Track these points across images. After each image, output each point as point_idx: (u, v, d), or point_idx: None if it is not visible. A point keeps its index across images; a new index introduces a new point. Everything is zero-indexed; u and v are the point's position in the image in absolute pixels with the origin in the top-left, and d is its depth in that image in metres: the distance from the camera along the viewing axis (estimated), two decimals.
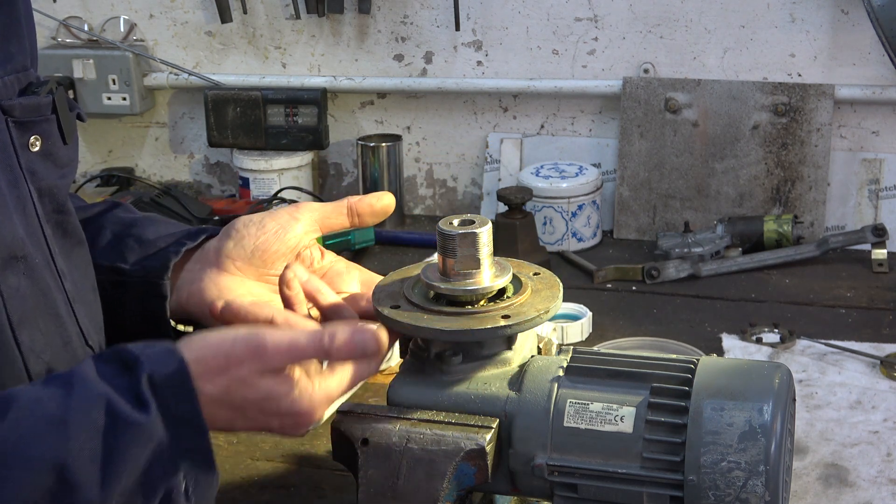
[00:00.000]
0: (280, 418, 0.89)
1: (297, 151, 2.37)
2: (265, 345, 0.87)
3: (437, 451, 0.90)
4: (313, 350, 0.88)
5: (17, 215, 0.89)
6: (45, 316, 0.90)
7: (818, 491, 1.30)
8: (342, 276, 1.08)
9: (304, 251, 1.08)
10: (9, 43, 0.91)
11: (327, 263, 1.09)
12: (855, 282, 1.94)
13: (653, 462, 0.89)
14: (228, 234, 1.07)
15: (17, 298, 0.87)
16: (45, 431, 0.78)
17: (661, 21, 2.21)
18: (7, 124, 0.89)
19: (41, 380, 0.84)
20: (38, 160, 0.93)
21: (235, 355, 0.86)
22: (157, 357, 0.84)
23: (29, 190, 0.91)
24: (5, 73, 0.90)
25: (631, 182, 2.22)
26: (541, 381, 0.94)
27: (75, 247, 0.99)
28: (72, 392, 0.80)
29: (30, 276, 0.89)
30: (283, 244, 1.06)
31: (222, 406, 0.87)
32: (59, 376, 0.83)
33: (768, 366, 0.93)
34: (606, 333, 1.76)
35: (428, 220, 2.40)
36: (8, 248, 0.86)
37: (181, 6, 2.45)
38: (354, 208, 1.08)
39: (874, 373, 1.58)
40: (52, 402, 0.80)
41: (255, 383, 0.87)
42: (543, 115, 2.33)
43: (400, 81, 2.35)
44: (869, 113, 2.16)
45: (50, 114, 0.94)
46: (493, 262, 0.97)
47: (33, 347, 0.88)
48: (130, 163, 2.60)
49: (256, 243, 1.06)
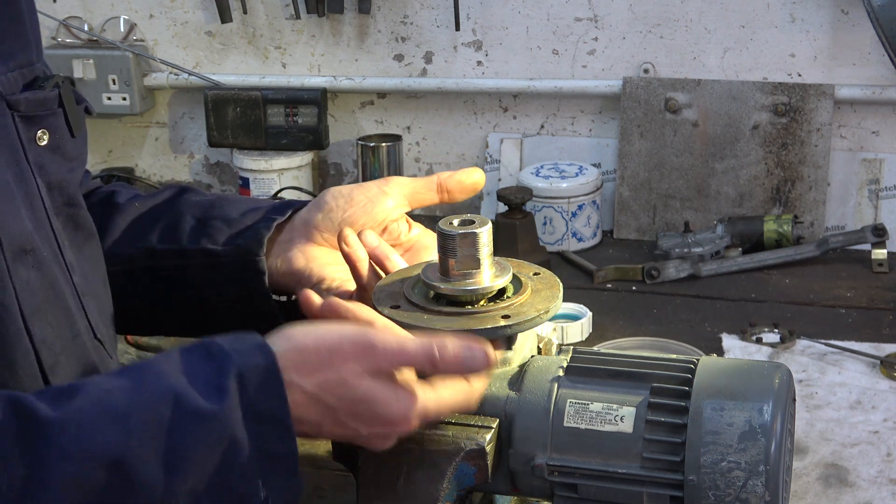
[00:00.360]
0: (370, 425, 0.85)
1: (297, 151, 2.37)
2: (374, 344, 0.83)
3: (437, 451, 0.90)
4: (422, 358, 0.84)
5: (25, 209, 0.89)
6: (55, 309, 0.90)
7: (818, 491, 1.30)
8: (428, 249, 1.08)
9: (391, 224, 1.07)
10: (11, 38, 0.91)
11: (414, 237, 1.09)
12: (855, 282, 1.94)
13: (653, 462, 0.89)
14: (318, 205, 1.07)
15: (28, 291, 0.87)
16: (106, 424, 0.76)
17: (661, 21, 2.21)
18: (13, 119, 0.89)
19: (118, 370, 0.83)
20: (45, 154, 0.93)
21: (342, 351, 0.83)
22: (247, 351, 0.81)
23: (37, 184, 0.91)
24: (8, 69, 0.90)
25: (631, 182, 2.22)
26: (541, 381, 0.94)
27: (87, 240, 0.98)
28: (141, 384, 0.78)
29: (39, 270, 0.89)
30: (371, 218, 1.06)
31: (315, 404, 0.83)
32: (136, 367, 0.81)
33: (768, 366, 0.93)
34: (606, 333, 1.76)
35: (428, 220, 2.38)
36: (17, 241, 0.87)
37: (181, 6, 2.45)
38: (445, 185, 1.07)
39: (874, 373, 1.58)
40: (120, 394, 0.77)
41: (356, 383, 0.83)
42: (543, 115, 2.33)
43: (400, 81, 2.35)
44: (869, 113, 2.16)
45: (57, 107, 0.94)
46: (493, 262, 0.97)
47: (45, 340, 0.88)
48: (130, 163, 2.60)
49: (344, 216, 1.05)
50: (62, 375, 0.90)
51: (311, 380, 0.82)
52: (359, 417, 0.84)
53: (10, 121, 0.89)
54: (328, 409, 0.83)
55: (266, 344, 0.82)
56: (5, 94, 0.89)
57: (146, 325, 1.17)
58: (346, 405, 0.83)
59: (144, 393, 0.78)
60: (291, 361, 0.82)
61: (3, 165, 0.87)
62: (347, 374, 0.82)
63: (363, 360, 0.83)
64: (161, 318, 1.05)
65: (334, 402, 0.83)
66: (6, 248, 0.85)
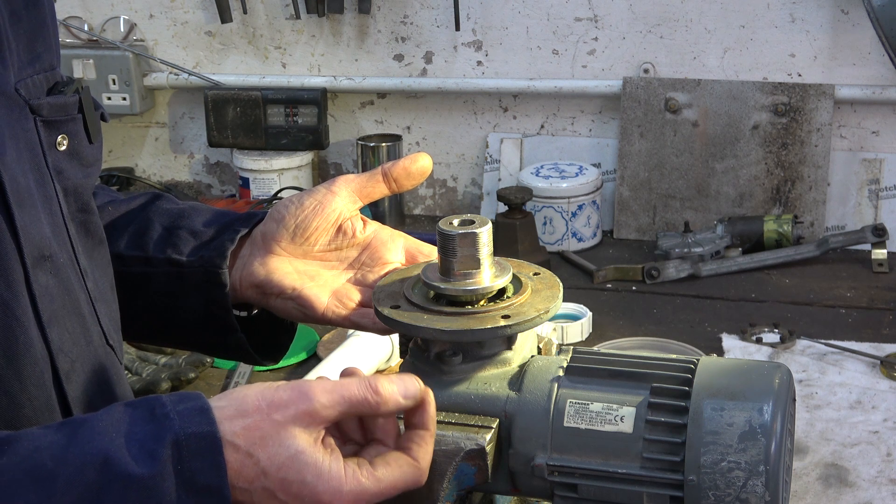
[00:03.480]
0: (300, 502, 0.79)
1: (297, 151, 2.37)
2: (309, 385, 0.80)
3: (437, 451, 0.90)
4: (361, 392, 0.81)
5: (45, 214, 0.89)
6: (71, 315, 0.90)
7: (818, 491, 1.30)
8: (386, 244, 1.08)
9: (345, 223, 1.07)
10: (36, 42, 0.91)
11: (370, 233, 1.09)
12: (855, 282, 1.94)
13: (653, 462, 0.89)
14: (273, 216, 1.07)
15: (46, 297, 0.87)
16: (30, 486, 0.73)
17: (661, 21, 2.21)
18: (35, 124, 0.90)
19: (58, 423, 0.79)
20: (64, 159, 0.93)
21: (278, 399, 0.80)
22: (188, 414, 0.77)
23: (55, 189, 0.91)
24: (34, 72, 0.90)
25: (631, 182, 2.22)
26: (541, 381, 0.94)
27: (97, 246, 0.99)
28: (72, 442, 0.75)
29: (56, 275, 0.89)
30: (324, 219, 1.06)
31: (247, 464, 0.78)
32: (74, 422, 0.78)
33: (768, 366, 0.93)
34: (606, 333, 1.76)
35: (428, 220, 2.40)
36: (37, 247, 0.87)
37: (181, 6, 2.45)
38: (390, 174, 1.07)
39: (874, 373, 1.58)
40: (49, 453, 0.75)
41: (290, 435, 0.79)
42: (543, 115, 2.33)
43: (400, 81, 2.35)
44: (869, 113, 2.16)
45: (76, 113, 0.94)
46: (493, 262, 0.97)
47: (62, 347, 0.88)
48: (130, 163, 2.60)
49: (297, 222, 1.05)
50: (76, 381, 0.90)
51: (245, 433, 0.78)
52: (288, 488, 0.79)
53: (32, 125, 0.89)
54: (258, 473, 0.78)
55: (209, 409, 0.78)
56: (29, 99, 0.89)
57: None
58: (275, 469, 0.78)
59: (74, 454, 0.75)
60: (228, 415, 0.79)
61: (26, 170, 0.87)
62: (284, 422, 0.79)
63: (300, 404, 0.79)
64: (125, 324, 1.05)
65: (265, 463, 0.78)
66: (27, 254, 0.85)
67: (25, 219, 0.85)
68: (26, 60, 0.90)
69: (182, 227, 1.09)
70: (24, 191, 0.86)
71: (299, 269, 1.05)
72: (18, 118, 0.88)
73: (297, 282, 1.04)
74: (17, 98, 0.88)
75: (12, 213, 0.84)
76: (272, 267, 1.05)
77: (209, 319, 1.06)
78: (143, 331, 1.12)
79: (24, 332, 0.85)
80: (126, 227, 1.10)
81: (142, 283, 1.08)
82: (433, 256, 1.06)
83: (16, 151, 0.86)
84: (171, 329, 1.09)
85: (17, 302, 0.84)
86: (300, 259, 1.06)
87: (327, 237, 1.06)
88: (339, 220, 1.06)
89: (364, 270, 1.07)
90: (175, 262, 1.07)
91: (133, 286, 1.07)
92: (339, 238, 1.06)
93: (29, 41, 0.90)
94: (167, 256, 1.07)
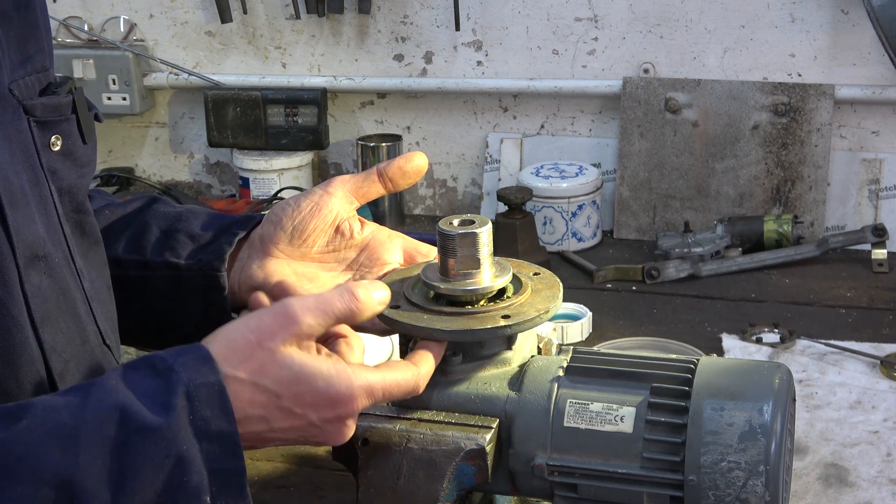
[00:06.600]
0: (318, 409, 0.84)
1: (297, 151, 2.37)
2: (293, 307, 0.84)
3: (437, 451, 0.90)
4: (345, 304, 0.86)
5: (39, 215, 0.89)
6: (66, 315, 0.90)
7: (818, 491, 1.30)
8: (385, 245, 1.08)
9: (342, 224, 1.07)
10: (28, 44, 0.91)
11: (368, 234, 1.09)
12: (855, 282, 1.94)
13: (653, 462, 0.89)
14: (270, 219, 1.08)
15: (39, 297, 0.87)
16: (53, 444, 0.76)
17: (661, 21, 2.21)
18: (29, 124, 0.90)
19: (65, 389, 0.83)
20: (58, 160, 0.93)
21: (264, 326, 0.84)
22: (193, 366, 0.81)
23: (50, 189, 0.91)
24: (26, 73, 0.91)
25: (631, 182, 2.22)
26: (541, 381, 0.94)
27: (93, 246, 0.99)
28: (88, 401, 0.78)
29: (50, 276, 0.89)
30: (321, 220, 1.06)
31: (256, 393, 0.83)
32: (80, 385, 0.81)
33: (768, 366, 0.93)
34: (606, 333, 1.76)
35: (428, 220, 2.40)
36: (30, 247, 0.87)
37: (181, 6, 2.45)
38: (385, 173, 1.07)
39: (874, 373, 1.58)
40: (67, 412, 0.77)
41: (288, 356, 0.83)
42: (543, 115, 2.33)
43: (400, 81, 2.35)
44: (869, 113, 2.16)
45: (70, 113, 0.94)
46: (493, 262, 0.97)
47: (55, 346, 0.88)
48: (130, 163, 2.60)
49: (294, 224, 1.06)
50: (70, 382, 0.90)
51: (244, 366, 0.83)
52: (302, 399, 0.84)
53: (25, 126, 0.90)
54: (270, 396, 0.84)
55: (212, 358, 0.82)
56: (22, 100, 0.89)
57: None
58: (285, 387, 0.84)
59: (91, 410, 0.78)
60: (223, 355, 0.82)
61: (20, 170, 0.88)
62: (276, 347, 0.84)
63: (288, 327, 0.84)
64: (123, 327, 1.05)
65: (273, 386, 0.83)
66: (20, 254, 0.85)
67: (18, 219, 0.86)
68: (18, 62, 0.90)
69: (180, 230, 1.09)
70: (17, 191, 0.86)
71: (298, 271, 1.06)
72: (12, 119, 0.88)
73: (296, 284, 1.04)
74: (11, 98, 0.88)
75: (5, 213, 0.84)
76: (270, 269, 1.05)
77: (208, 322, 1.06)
78: (142, 334, 1.12)
79: (21, 332, 0.85)
80: (123, 231, 1.10)
81: (140, 287, 1.08)
82: (431, 256, 1.06)
83: (9, 152, 0.87)
84: (169, 332, 1.09)
85: (12, 301, 0.84)
86: (298, 261, 1.07)
87: (325, 238, 1.06)
88: (336, 221, 1.07)
89: (362, 271, 1.07)
90: (173, 266, 1.07)
91: (131, 290, 1.08)
92: (336, 239, 1.07)
93: (20, 42, 0.91)
94: (165, 260, 1.07)
